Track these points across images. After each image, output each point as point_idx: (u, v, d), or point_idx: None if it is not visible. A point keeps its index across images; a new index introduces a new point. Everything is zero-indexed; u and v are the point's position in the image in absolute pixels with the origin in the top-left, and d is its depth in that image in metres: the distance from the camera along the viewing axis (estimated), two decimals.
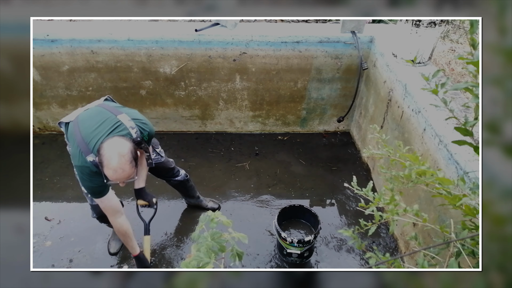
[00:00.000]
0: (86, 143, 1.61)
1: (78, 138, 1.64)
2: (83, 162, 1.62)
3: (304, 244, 2.15)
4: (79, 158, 1.62)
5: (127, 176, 1.57)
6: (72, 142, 1.68)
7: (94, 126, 1.64)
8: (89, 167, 1.62)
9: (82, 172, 1.66)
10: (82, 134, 1.64)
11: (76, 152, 1.64)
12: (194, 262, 0.82)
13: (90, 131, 1.63)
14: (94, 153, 1.59)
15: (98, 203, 1.81)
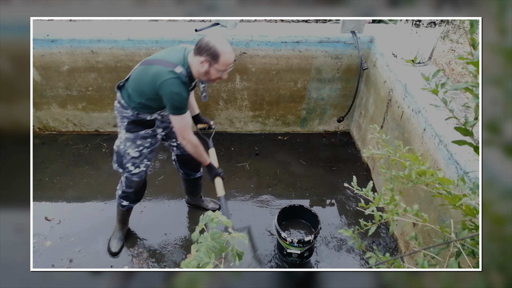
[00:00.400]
0: (169, 61, 1.71)
1: (156, 61, 1.73)
2: (173, 74, 1.68)
3: (304, 244, 2.15)
4: (168, 72, 1.68)
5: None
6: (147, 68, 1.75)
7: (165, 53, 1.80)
8: (180, 77, 1.70)
9: (173, 84, 1.68)
10: (159, 58, 1.76)
11: (160, 70, 1.69)
12: (194, 262, 0.82)
13: (165, 55, 1.77)
14: (181, 65, 1.71)
15: (177, 121, 1.79)
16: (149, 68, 1.75)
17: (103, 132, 3.46)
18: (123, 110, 1.91)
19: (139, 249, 2.39)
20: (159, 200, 2.78)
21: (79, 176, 2.97)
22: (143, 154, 2.03)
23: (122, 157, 2.02)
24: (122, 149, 2.00)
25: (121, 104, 1.91)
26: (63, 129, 3.42)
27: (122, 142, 1.98)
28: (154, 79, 1.70)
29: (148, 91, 1.77)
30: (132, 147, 1.98)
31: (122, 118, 1.93)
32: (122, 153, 2.01)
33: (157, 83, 1.69)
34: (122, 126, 1.95)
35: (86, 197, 2.78)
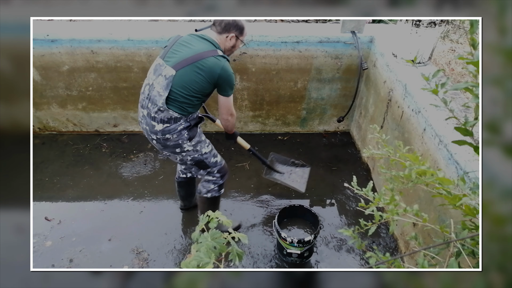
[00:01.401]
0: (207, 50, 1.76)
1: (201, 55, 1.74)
2: (223, 58, 1.78)
3: (304, 244, 2.15)
4: (219, 59, 1.76)
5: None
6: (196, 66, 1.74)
7: (194, 45, 1.79)
8: (227, 59, 1.83)
9: (228, 67, 1.79)
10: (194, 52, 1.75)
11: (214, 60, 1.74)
12: (194, 262, 0.82)
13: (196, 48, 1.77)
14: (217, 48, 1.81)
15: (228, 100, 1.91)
16: (199, 64, 1.73)
17: (103, 132, 3.46)
18: (177, 125, 1.84)
19: (139, 249, 2.39)
20: (159, 200, 2.78)
21: (79, 176, 2.97)
22: (210, 144, 2.10)
23: (203, 161, 2.04)
24: (198, 156, 2.00)
25: (173, 120, 1.82)
26: (63, 129, 3.42)
27: (192, 152, 1.97)
28: (211, 71, 1.74)
29: (206, 86, 1.78)
30: (203, 145, 2.01)
31: (179, 132, 1.87)
32: (200, 159, 2.02)
33: (216, 73, 1.74)
34: (184, 140, 1.90)
35: (86, 197, 2.78)
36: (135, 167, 3.07)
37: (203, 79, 1.75)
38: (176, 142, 1.89)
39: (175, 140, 1.88)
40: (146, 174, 3.01)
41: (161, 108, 1.78)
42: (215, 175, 2.14)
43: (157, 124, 1.82)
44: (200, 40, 1.80)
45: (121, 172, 3.02)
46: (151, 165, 3.10)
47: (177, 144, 1.90)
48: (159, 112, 1.79)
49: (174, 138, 1.87)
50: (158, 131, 1.84)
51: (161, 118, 1.81)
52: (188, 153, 1.96)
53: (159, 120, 1.81)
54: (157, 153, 3.24)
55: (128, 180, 2.95)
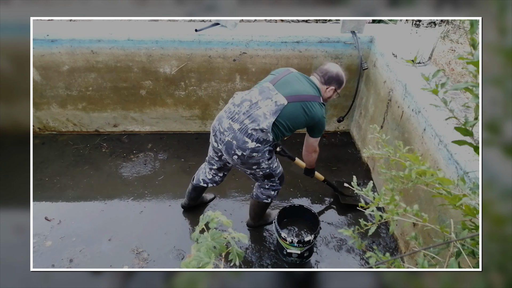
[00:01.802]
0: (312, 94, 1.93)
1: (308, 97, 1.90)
2: (322, 106, 1.96)
3: (304, 244, 2.15)
4: (321, 106, 1.95)
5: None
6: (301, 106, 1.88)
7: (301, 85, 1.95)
8: (324, 106, 1.99)
9: (324, 115, 1.97)
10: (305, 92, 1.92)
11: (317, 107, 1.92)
12: (194, 262, 0.82)
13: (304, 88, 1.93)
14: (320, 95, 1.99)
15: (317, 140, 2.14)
16: (307, 105, 1.89)
17: (103, 132, 3.46)
18: (265, 147, 1.92)
19: (139, 249, 2.39)
20: (159, 200, 2.78)
21: (79, 176, 2.97)
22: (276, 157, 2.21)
23: (271, 174, 2.13)
24: (269, 171, 2.10)
25: (265, 142, 1.89)
26: (63, 129, 3.42)
27: (267, 168, 2.07)
28: (313, 116, 1.91)
29: (301, 125, 1.96)
30: (274, 161, 2.12)
31: (263, 153, 1.95)
32: (270, 172, 2.12)
33: (316, 118, 1.92)
34: (265, 160, 1.99)
35: (86, 197, 2.78)
36: (135, 167, 3.07)
37: (305, 120, 1.92)
38: (257, 161, 1.97)
39: (258, 159, 1.95)
40: (146, 174, 3.01)
41: (263, 129, 1.83)
42: (276, 181, 2.22)
43: (251, 142, 1.86)
44: (308, 82, 1.98)
45: (121, 172, 3.02)
46: (151, 165, 3.10)
47: (257, 162, 1.98)
48: (259, 132, 1.84)
49: (258, 157, 1.94)
50: (248, 148, 1.87)
51: (257, 137, 1.85)
52: (263, 169, 2.06)
53: (255, 138, 1.85)
54: (157, 153, 3.24)
55: (128, 180, 2.95)
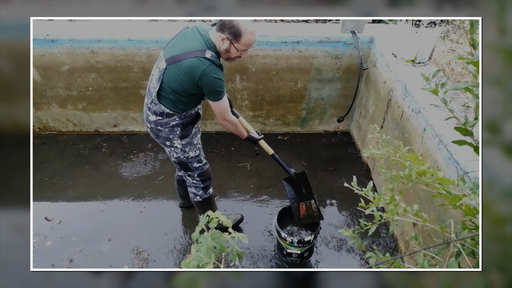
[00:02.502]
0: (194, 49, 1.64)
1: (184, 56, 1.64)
2: (206, 61, 1.62)
3: (304, 244, 2.15)
4: (201, 61, 1.62)
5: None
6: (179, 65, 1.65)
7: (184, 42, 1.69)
8: (214, 61, 1.65)
9: (212, 71, 1.63)
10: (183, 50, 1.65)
11: (193, 62, 1.62)
12: (194, 262, 0.82)
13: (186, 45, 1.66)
14: (209, 48, 1.66)
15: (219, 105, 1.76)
16: (179, 65, 1.65)
17: (103, 132, 3.46)
18: (169, 120, 1.83)
19: (139, 249, 2.39)
20: (159, 200, 2.78)
21: (79, 176, 2.97)
22: (200, 150, 2.06)
23: (186, 164, 2.02)
24: (183, 157, 1.99)
25: (165, 114, 1.81)
26: (63, 129, 3.42)
27: (180, 151, 1.95)
28: (190, 73, 1.64)
29: (188, 87, 1.70)
30: (192, 149, 1.97)
31: (172, 128, 1.86)
32: (185, 161, 2.00)
33: (196, 75, 1.63)
34: (175, 136, 1.89)
35: (86, 197, 2.78)
36: (135, 167, 3.07)
37: (183, 80, 1.68)
38: (167, 136, 1.89)
39: (167, 133, 1.88)
40: (146, 174, 3.01)
41: (154, 100, 1.78)
42: (195, 178, 2.12)
43: (151, 114, 1.84)
44: (197, 36, 1.69)
45: (121, 172, 3.02)
46: (151, 165, 3.10)
47: (168, 138, 1.90)
48: (153, 104, 1.80)
49: (166, 132, 1.87)
50: (151, 121, 1.86)
51: (154, 110, 1.81)
52: (176, 150, 1.95)
53: (153, 111, 1.82)
54: (157, 153, 3.24)
55: (128, 180, 2.95)
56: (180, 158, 1.99)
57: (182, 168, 2.06)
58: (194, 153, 2.00)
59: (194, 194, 2.22)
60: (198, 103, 1.88)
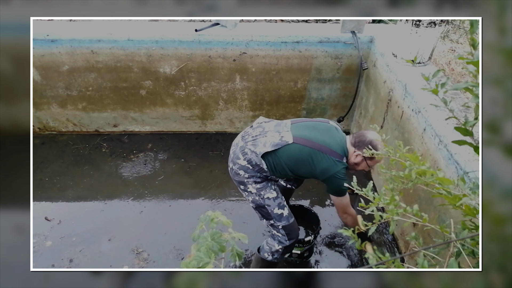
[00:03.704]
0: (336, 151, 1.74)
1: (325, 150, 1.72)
2: (341, 166, 1.73)
3: (304, 244, 2.15)
4: (338, 164, 1.72)
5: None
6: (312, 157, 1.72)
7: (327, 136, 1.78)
8: (345, 167, 1.76)
9: (342, 176, 1.73)
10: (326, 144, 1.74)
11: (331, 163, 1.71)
12: (194, 262, 0.82)
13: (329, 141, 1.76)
14: (345, 156, 1.77)
15: (341, 201, 1.83)
16: (318, 155, 1.71)
17: (103, 132, 3.46)
18: (253, 171, 1.82)
19: (139, 249, 2.39)
20: (159, 200, 2.78)
21: (79, 176, 2.97)
22: (278, 192, 1.92)
23: (265, 207, 1.88)
24: (261, 200, 1.87)
25: (258, 167, 1.80)
26: (63, 129, 3.42)
27: (256, 194, 1.86)
28: (324, 172, 1.72)
29: (303, 173, 1.78)
30: (267, 190, 1.87)
31: (251, 176, 1.83)
32: (262, 204, 1.87)
33: (326, 175, 1.72)
34: (250, 181, 1.85)
35: (86, 197, 2.78)
36: (135, 167, 3.07)
37: (310, 169, 1.74)
38: (243, 180, 1.86)
39: (243, 178, 1.85)
40: (146, 174, 3.01)
41: (257, 153, 1.77)
42: (280, 231, 1.92)
43: (242, 159, 1.81)
44: (338, 138, 1.78)
45: (121, 172, 3.02)
46: (151, 165, 3.10)
47: (243, 182, 1.86)
48: (253, 154, 1.78)
49: (244, 176, 1.85)
50: (238, 164, 1.83)
51: (250, 158, 1.79)
52: (251, 195, 1.88)
53: (247, 158, 1.80)
54: (157, 153, 3.24)
55: (128, 180, 2.95)
56: (257, 201, 1.88)
57: (263, 215, 1.92)
58: (271, 194, 1.87)
59: (270, 250, 1.98)
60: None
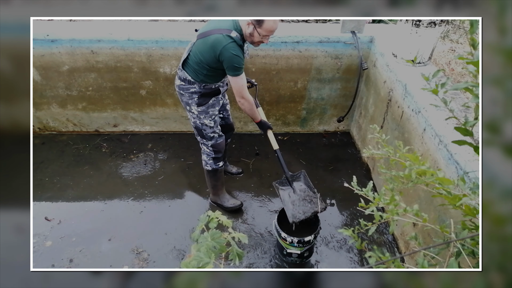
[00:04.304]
0: (223, 28, 1.89)
1: (212, 32, 1.90)
2: (230, 39, 1.87)
3: (304, 244, 2.15)
4: (225, 37, 1.87)
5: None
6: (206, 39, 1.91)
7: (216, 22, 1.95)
8: (236, 40, 1.89)
9: (232, 48, 1.87)
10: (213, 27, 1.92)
11: (218, 37, 1.87)
12: (194, 262, 0.82)
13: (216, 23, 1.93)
14: (235, 29, 1.89)
15: (237, 81, 1.99)
16: (207, 39, 1.91)
17: (103, 132, 3.46)
18: (190, 86, 2.08)
19: (139, 249, 2.39)
20: (159, 200, 2.78)
21: (79, 176, 2.97)
22: (216, 121, 2.27)
23: (201, 130, 2.25)
24: (199, 123, 2.22)
25: (187, 81, 2.07)
26: (63, 129, 3.42)
27: (196, 117, 2.19)
28: (214, 47, 1.88)
29: (210, 60, 1.94)
30: (207, 117, 2.20)
31: (191, 94, 2.11)
32: (200, 127, 2.24)
33: (218, 49, 1.87)
34: (193, 102, 2.14)
35: (86, 197, 2.78)
36: (135, 167, 3.07)
37: (206, 53, 1.92)
38: (187, 101, 2.15)
39: (187, 98, 2.14)
40: (146, 174, 3.01)
41: (179, 67, 2.09)
42: (209, 147, 2.35)
43: (177, 79, 2.13)
44: (225, 21, 1.94)
45: (121, 172, 3.02)
46: (151, 165, 3.10)
47: (187, 102, 2.16)
48: (179, 70, 2.11)
49: (186, 97, 2.13)
50: (176, 85, 2.16)
51: (179, 75, 2.11)
52: (193, 115, 2.20)
53: (178, 76, 2.12)
54: (157, 153, 3.24)
55: (128, 180, 2.95)
56: (196, 123, 2.23)
57: (198, 133, 2.29)
58: (209, 122, 2.22)
59: (205, 162, 2.45)
60: (218, 80, 2.10)
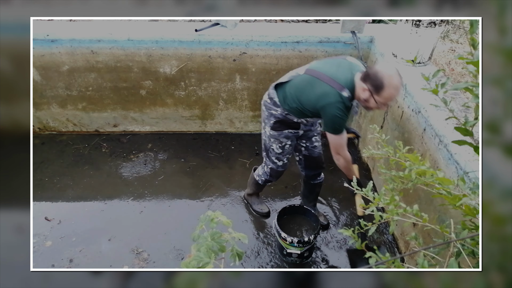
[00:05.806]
0: (338, 82, 1.72)
1: (325, 78, 1.74)
2: (338, 97, 1.71)
3: (304, 244, 2.15)
4: (335, 94, 1.71)
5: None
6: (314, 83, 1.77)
7: (333, 68, 1.79)
8: (344, 101, 1.72)
9: (338, 108, 1.71)
10: (328, 74, 1.75)
11: (328, 91, 1.72)
12: (194, 262, 0.82)
13: (333, 72, 1.76)
14: (348, 88, 1.72)
15: (335, 139, 1.86)
16: (316, 82, 1.76)
17: (103, 132, 3.46)
18: (272, 107, 2.00)
19: (139, 249, 2.39)
20: (159, 200, 2.78)
21: (79, 176, 2.97)
22: (285, 150, 2.17)
23: (267, 150, 2.19)
24: (267, 144, 2.15)
25: (273, 102, 1.98)
26: (63, 129, 3.42)
27: (267, 138, 2.12)
28: (319, 98, 1.74)
29: (307, 104, 1.83)
30: (276, 143, 2.12)
31: (270, 115, 2.02)
32: (267, 147, 2.17)
33: (322, 102, 1.73)
34: (268, 123, 2.06)
35: (86, 197, 2.78)
36: (135, 167, 3.07)
37: (310, 98, 1.79)
38: (264, 119, 2.09)
39: (265, 116, 2.08)
40: (146, 174, 3.01)
41: (272, 85, 2.01)
42: (267, 169, 2.30)
43: (266, 95, 2.06)
44: (346, 72, 1.76)
45: (121, 172, 3.02)
46: (151, 165, 3.10)
47: (264, 120, 2.10)
48: (270, 88, 2.02)
49: (265, 115, 2.07)
50: (263, 100, 2.09)
51: (269, 92, 2.03)
52: (264, 134, 2.13)
53: (268, 93, 2.04)
54: (157, 153, 3.24)
55: (128, 180, 2.95)
56: (265, 142, 2.17)
57: (264, 150, 2.23)
58: (277, 148, 2.14)
59: (258, 173, 2.42)
60: (302, 117, 1.99)
